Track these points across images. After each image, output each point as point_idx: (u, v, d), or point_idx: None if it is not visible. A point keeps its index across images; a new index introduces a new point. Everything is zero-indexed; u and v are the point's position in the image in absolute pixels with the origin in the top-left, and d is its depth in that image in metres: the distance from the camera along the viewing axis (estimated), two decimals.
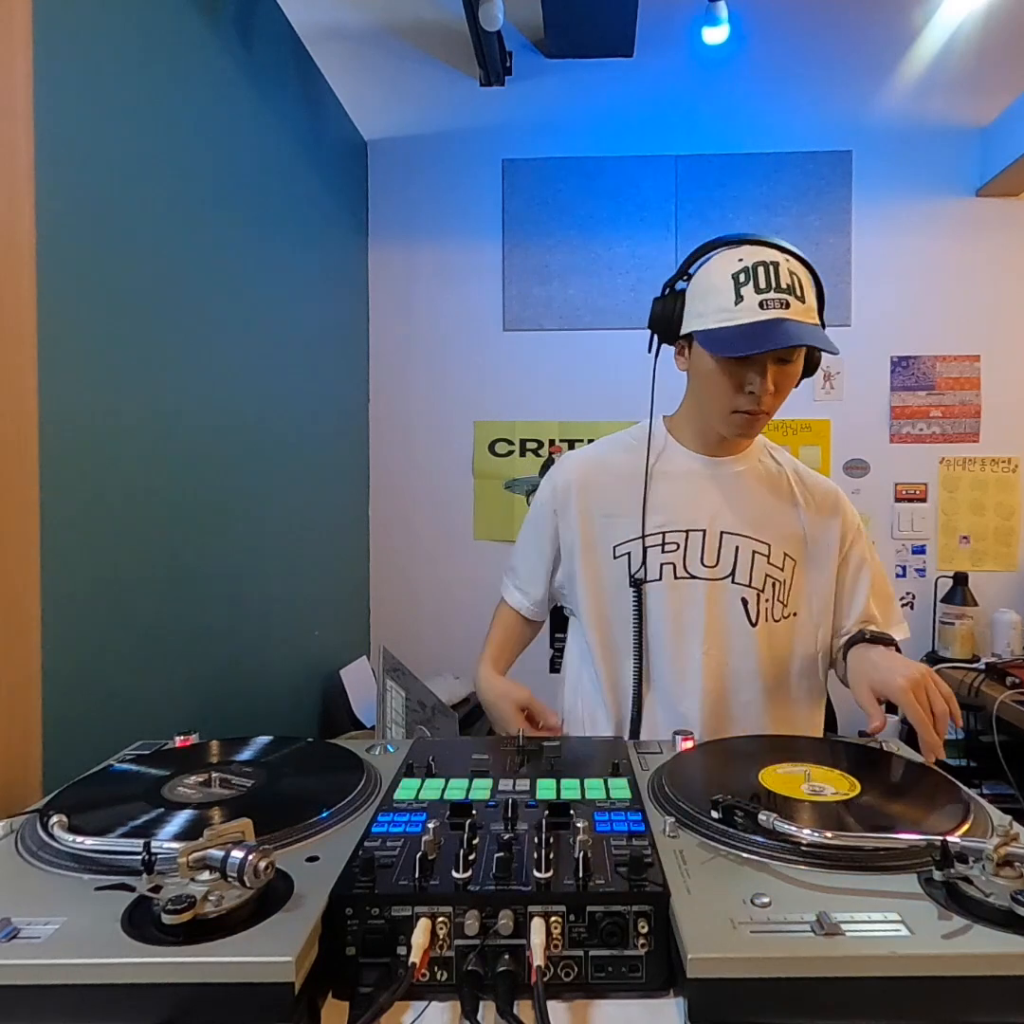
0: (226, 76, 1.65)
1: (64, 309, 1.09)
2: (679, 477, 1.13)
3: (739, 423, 1.06)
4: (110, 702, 1.18)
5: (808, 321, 0.99)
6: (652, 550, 1.10)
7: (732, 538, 1.10)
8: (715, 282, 1.01)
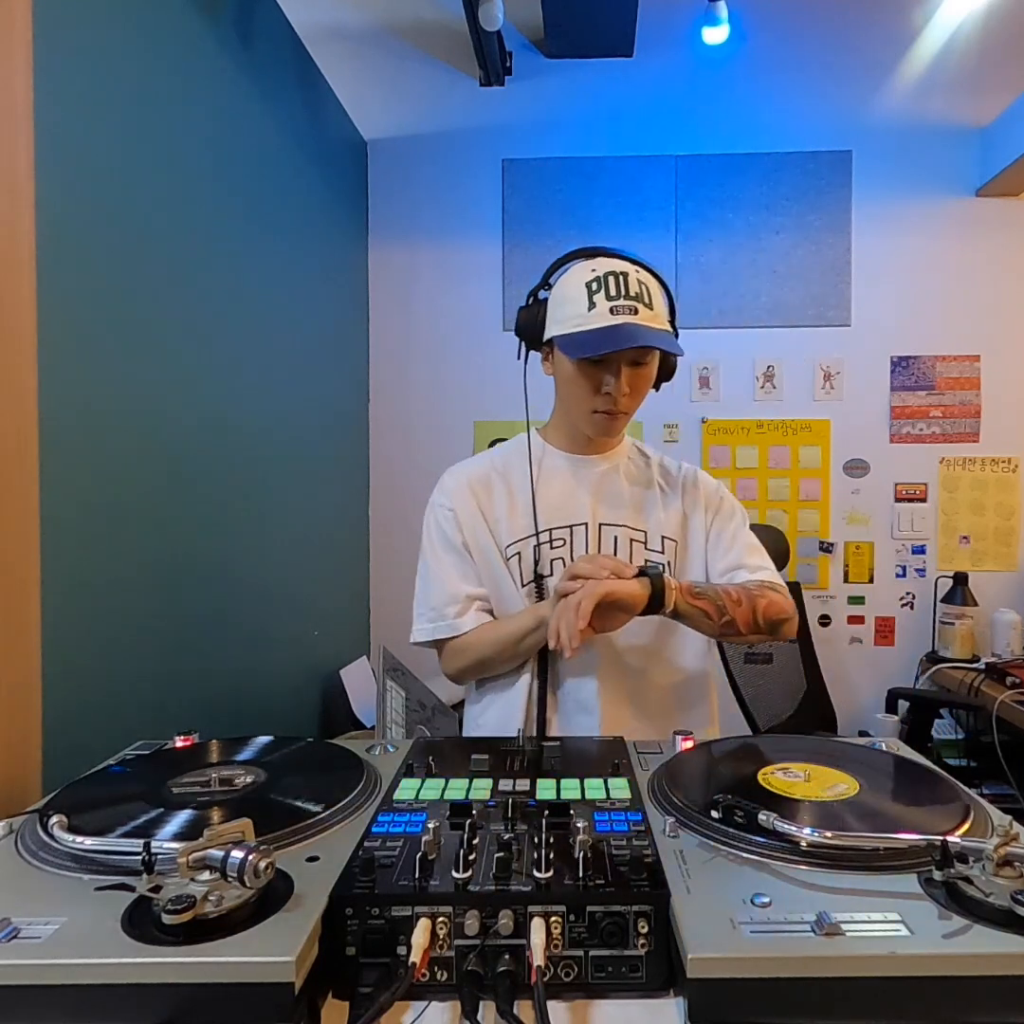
0: (226, 76, 1.65)
1: (64, 309, 1.09)
2: (557, 477, 1.20)
3: (600, 423, 1.13)
4: (110, 702, 1.18)
5: (656, 326, 1.06)
6: (542, 547, 1.16)
7: (610, 529, 1.17)
8: (571, 291, 1.08)
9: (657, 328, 1.06)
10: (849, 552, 2.73)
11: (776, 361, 2.71)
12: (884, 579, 2.72)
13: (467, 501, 1.19)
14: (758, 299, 2.71)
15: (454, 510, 1.19)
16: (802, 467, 2.73)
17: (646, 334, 1.04)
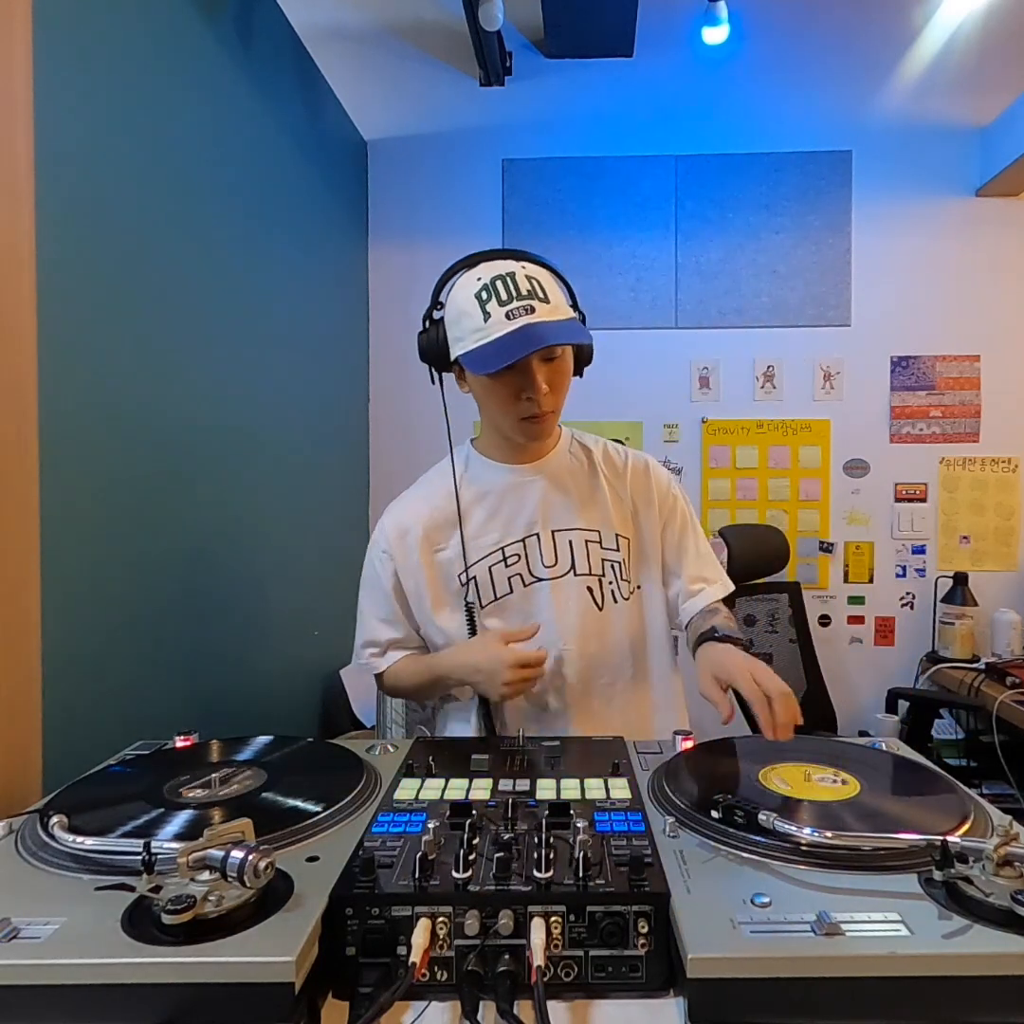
0: (226, 76, 1.65)
1: (64, 309, 1.09)
2: (498, 492, 1.17)
3: (529, 429, 1.10)
4: (110, 702, 1.18)
5: (556, 318, 1.02)
6: (496, 567, 1.14)
7: (564, 534, 1.15)
8: (462, 306, 1.05)
9: (558, 319, 1.02)
10: (849, 552, 2.72)
11: (776, 361, 2.71)
12: (884, 579, 2.72)
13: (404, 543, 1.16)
14: (758, 299, 2.70)
15: (389, 552, 1.18)
16: (802, 467, 2.73)
17: (548, 331, 1.00)
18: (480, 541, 1.15)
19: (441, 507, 1.17)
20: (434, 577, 1.15)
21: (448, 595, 1.16)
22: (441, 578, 1.16)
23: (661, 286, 2.63)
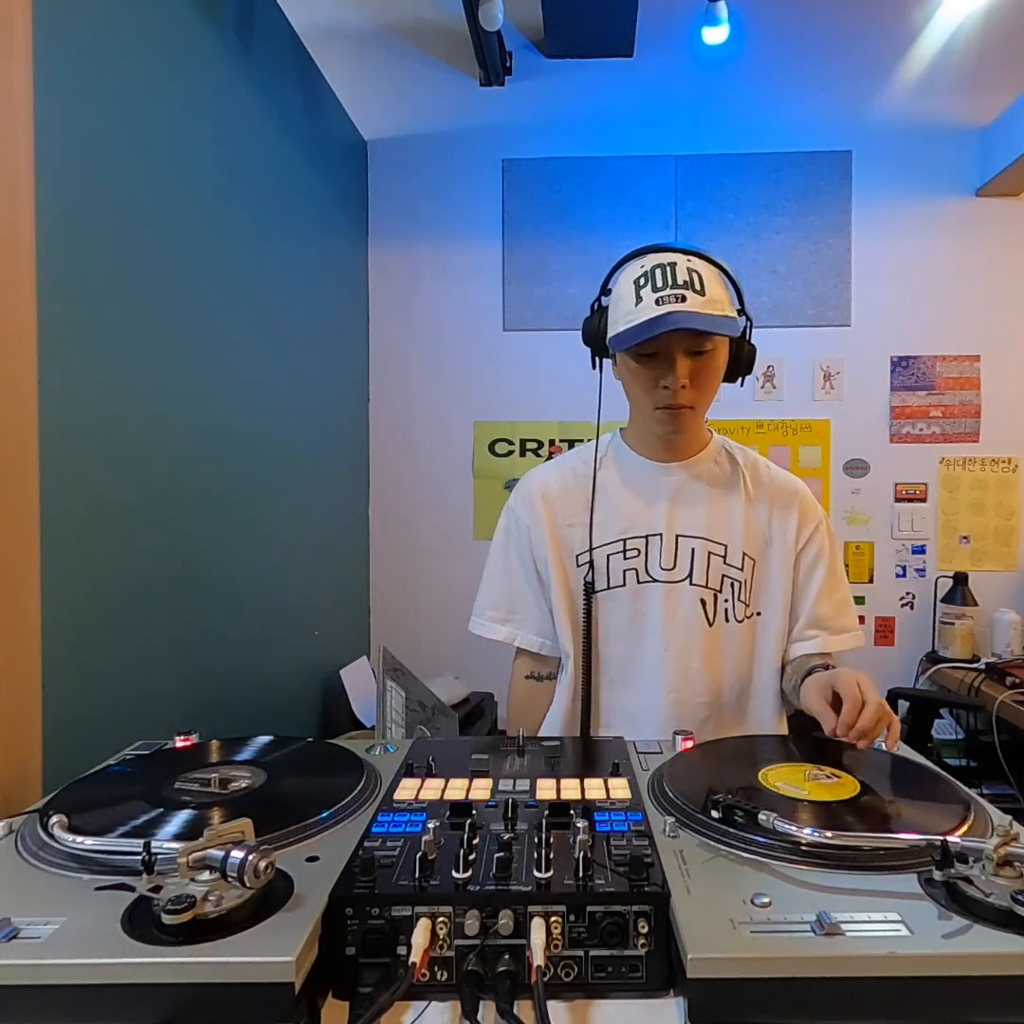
0: (226, 76, 1.65)
1: (64, 309, 1.09)
2: (634, 483, 1.17)
3: (663, 419, 1.09)
4: (110, 702, 1.18)
5: (708, 311, 1.01)
6: (614, 557, 1.13)
7: (688, 540, 1.13)
8: (622, 291, 1.07)
9: (710, 312, 1.01)
10: (849, 552, 2.72)
11: (776, 361, 2.71)
12: (884, 579, 2.72)
13: (537, 509, 1.17)
14: (758, 299, 2.70)
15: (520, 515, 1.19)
16: (802, 467, 2.73)
17: (685, 318, 0.99)
18: (605, 528, 1.14)
19: (576, 485, 1.18)
20: (557, 547, 1.16)
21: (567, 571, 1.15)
22: (564, 551, 1.16)
23: None
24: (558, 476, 1.20)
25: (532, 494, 1.19)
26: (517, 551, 1.19)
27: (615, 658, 1.14)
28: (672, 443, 1.15)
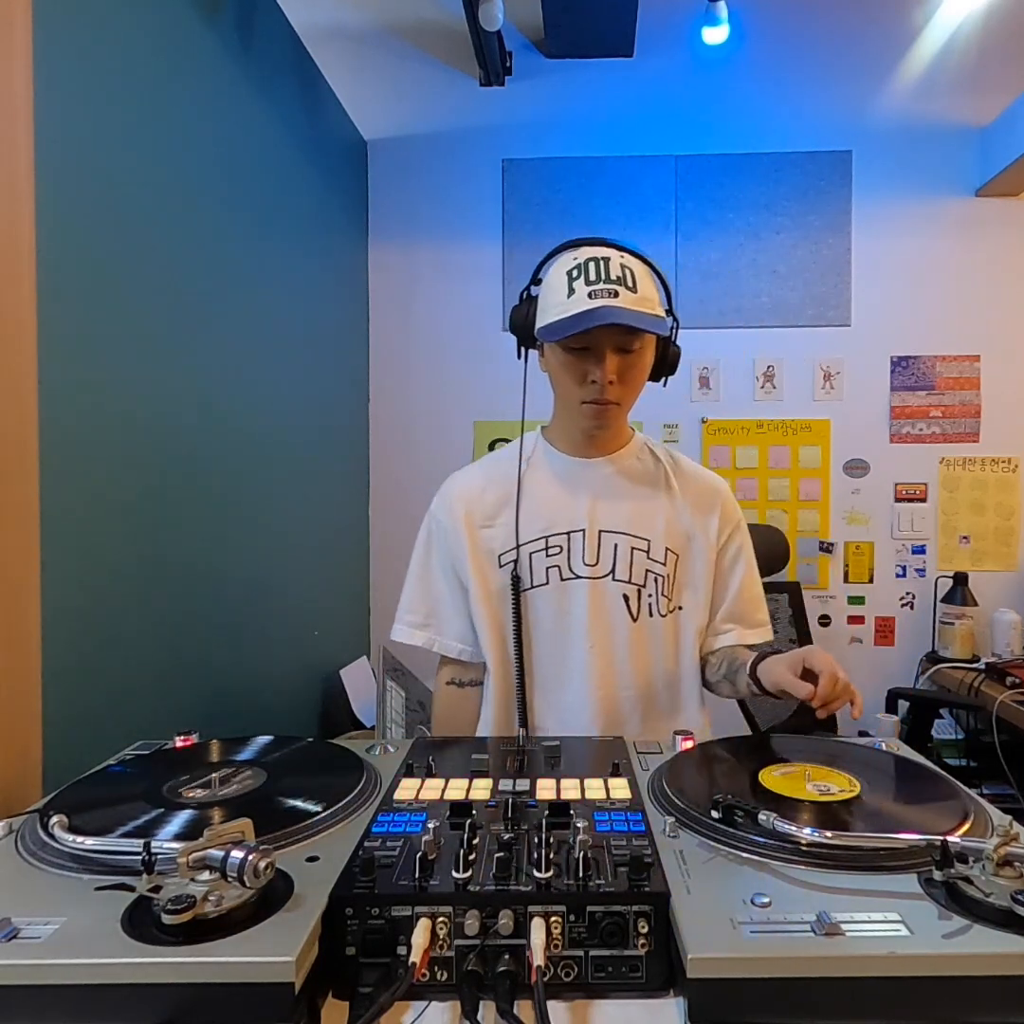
0: (226, 76, 1.65)
1: (64, 308, 1.09)
2: (555, 481, 1.16)
3: (589, 413, 1.09)
4: (110, 702, 1.18)
5: (638, 309, 1.01)
6: (537, 555, 1.13)
7: (611, 536, 1.13)
8: (553, 282, 1.06)
9: (640, 310, 1.01)
10: (849, 552, 2.72)
11: (776, 361, 2.71)
12: (884, 579, 2.72)
13: (456, 514, 1.16)
14: (758, 299, 2.70)
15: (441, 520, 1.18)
16: (802, 467, 2.73)
17: (620, 314, 0.99)
18: (527, 527, 1.14)
19: (497, 485, 1.17)
20: (475, 551, 1.15)
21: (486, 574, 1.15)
22: (483, 553, 1.15)
23: None
24: (479, 478, 1.20)
25: (451, 498, 1.18)
26: (437, 556, 1.18)
27: (543, 658, 1.14)
28: (596, 438, 1.16)
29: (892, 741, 0.95)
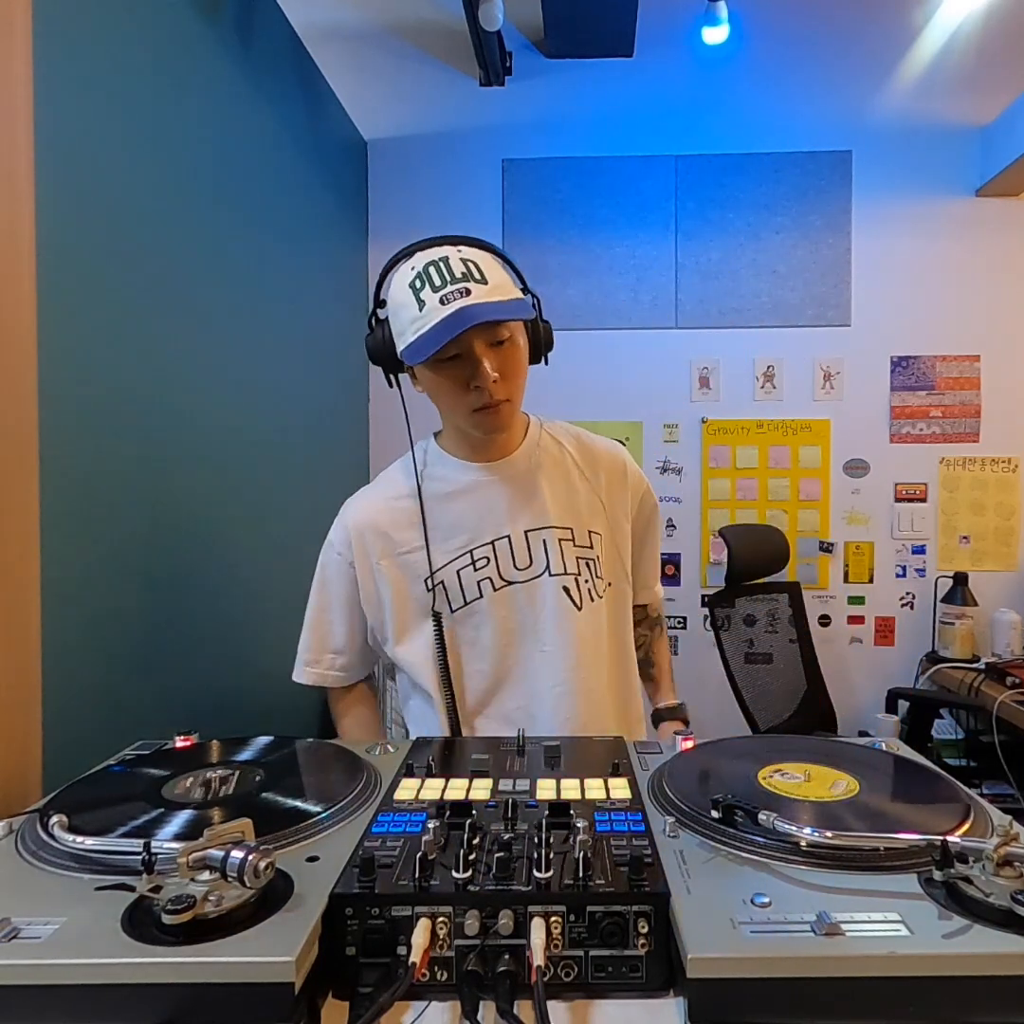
0: (226, 76, 1.65)
1: (64, 308, 1.09)
2: (465, 491, 1.12)
3: (483, 421, 1.04)
4: (110, 702, 1.18)
5: (496, 299, 0.97)
6: (464, 571, 1.09)
7: (537, 533, 1.11)
8: (400, 299, 1.00)
9: (498, 299, 0.96)
10: (849, 552, 2.73)
11: (776, 361, 2.71)
12: (884, 579, 2.72)
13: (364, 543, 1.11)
14: (758, 299, 2.70)
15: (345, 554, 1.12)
16: (802, 467, 2.73)
17: (483, 310, 0.94)
18: (447, 544, 1.09)
19: (403, 506, 1.12)
20: (398, 580, 1.10)
21: (413, 602, 1.10)
22: (406, 582, 1.10)
23: (661, 286, 2.63)
24: (383, 504, 1.13)
25: (357, 530, 1.11)
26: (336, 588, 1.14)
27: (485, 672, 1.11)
28: (495, 442, 1.12)
29: (892, 741, 0.95)
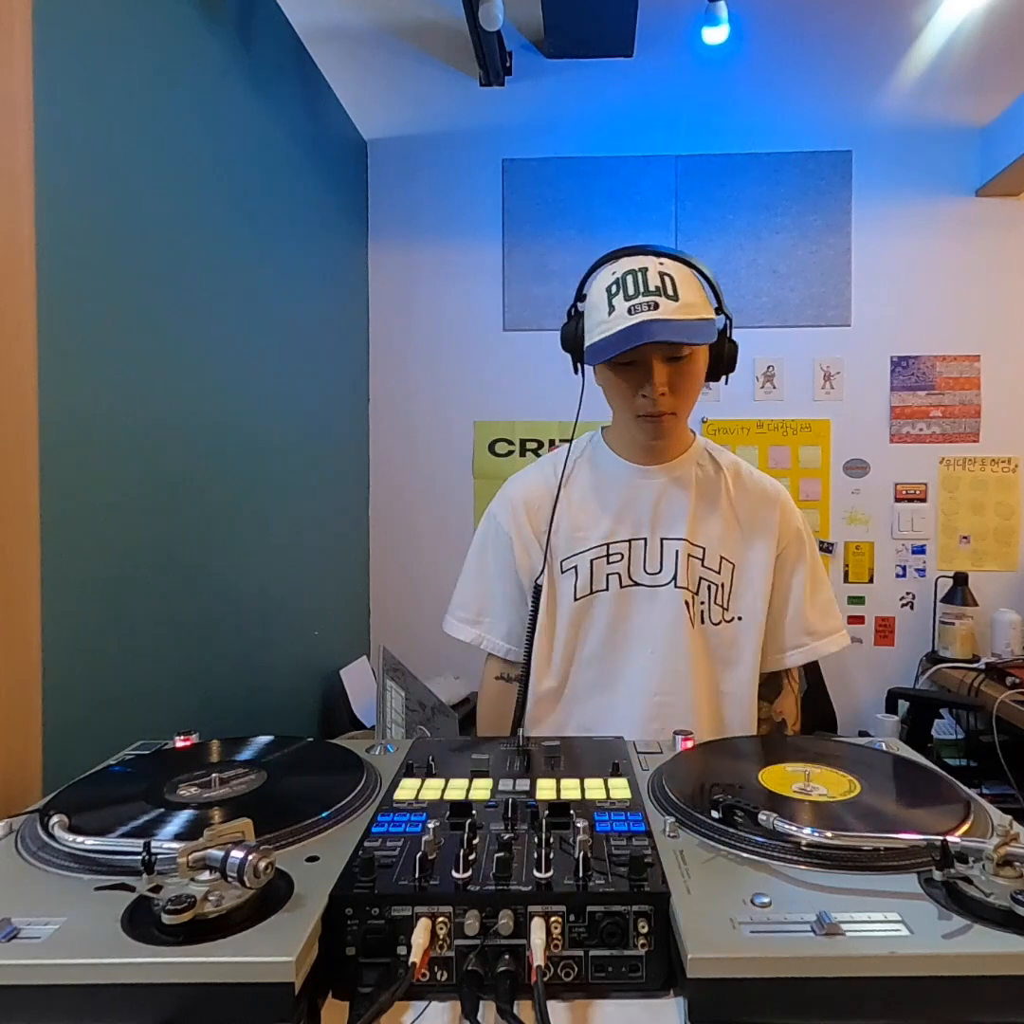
0: (226, 76, 1.65)
1: (64, 309, 1.09)
2: (615, 487, 1.16)
3: (645, 428, 1.09)
4: (110, 702, 1.18)
5: (682, 317, 0.99)
6: (598, 562, 1.13)
7: (671, 543, 1.13)
8: (595, 299, 1.05)
9: (682, 319, 0.99)
10: (849, 552, 2.72)
11: (776, 361, 2.71)
12: (884, 579, 2.72)
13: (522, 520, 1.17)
14: (758, 299, 2.70)
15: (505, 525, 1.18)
16: (802, 467, 2.73)
17: (664, 328, 0.97)
18: (588, 532, 1.14)
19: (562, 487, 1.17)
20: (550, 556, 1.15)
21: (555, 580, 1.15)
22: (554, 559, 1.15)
23: None
24: (541, 484, 1.20)
25: (515, 504, 1.19)
26: (495, 557, 1.19)
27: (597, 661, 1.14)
28: (654, 448, 1.15)
29: (892, 741, 0.95)
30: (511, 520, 1.18)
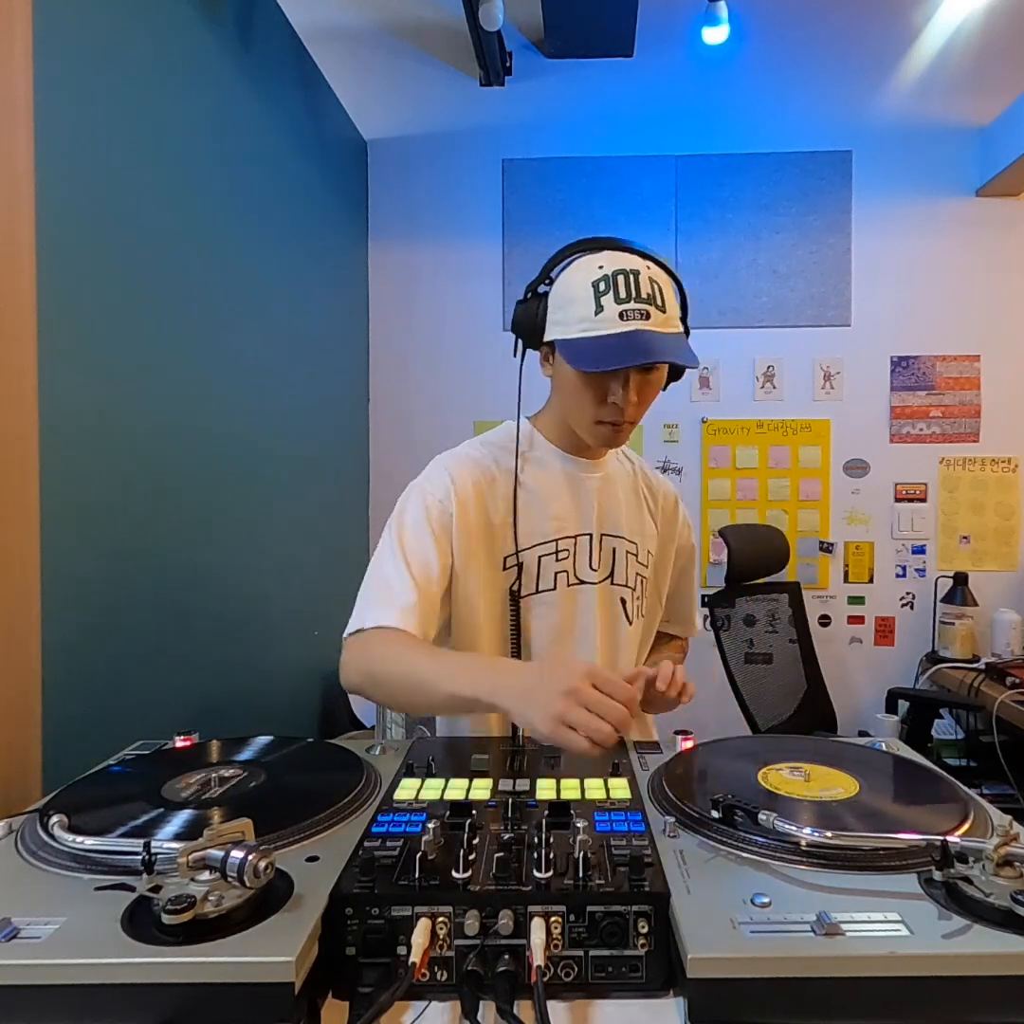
0: (226, 76, 1.65)
1: (64, 309, 1.09)
2: (560, 481, 1.10)
3: (603, 434, 1.03)
4: (110, 702, 1.18)
5: (668, 331, 0.97)
6: (546, 559, 1.07)
7: (610, 540, 1.12)
8: (576, 291, 0.97)
9: (670, 332, 0.97)
10: (849, 552, 2.72)
11: (776, 361, 2.71)
12: (884, 579, 2.72)
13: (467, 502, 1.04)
14: (758, 299, 2.71)
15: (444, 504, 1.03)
16: (802, 467, 2.73)
17: (660, 344, 0.95)
18: (536, 527, 1.07)
19: (502, 479, 1.08)
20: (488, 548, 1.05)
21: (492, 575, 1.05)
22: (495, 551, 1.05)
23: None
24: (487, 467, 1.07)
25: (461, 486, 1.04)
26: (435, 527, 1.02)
27: None
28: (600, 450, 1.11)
29: (892, 741, 0.95)
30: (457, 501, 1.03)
